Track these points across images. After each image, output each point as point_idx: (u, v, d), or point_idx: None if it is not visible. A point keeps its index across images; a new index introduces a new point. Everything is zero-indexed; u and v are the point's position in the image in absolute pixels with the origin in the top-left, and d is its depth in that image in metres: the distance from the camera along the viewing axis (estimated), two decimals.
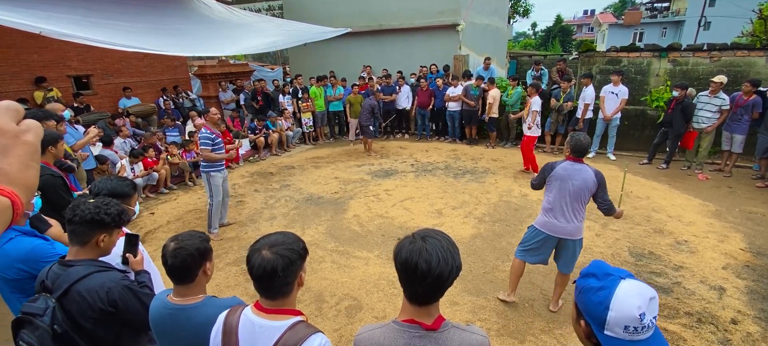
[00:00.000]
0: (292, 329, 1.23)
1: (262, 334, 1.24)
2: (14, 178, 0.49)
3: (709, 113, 6.30)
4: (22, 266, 1.80)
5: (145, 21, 6.47)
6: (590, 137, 3.48)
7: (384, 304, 3.47)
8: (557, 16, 45.85)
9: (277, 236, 1.29)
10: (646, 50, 7.85)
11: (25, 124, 0.54)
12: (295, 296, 1.33)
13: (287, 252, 1.24)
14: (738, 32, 14.93)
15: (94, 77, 9.52)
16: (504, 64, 14.25)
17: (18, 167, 0.50)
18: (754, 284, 3.61)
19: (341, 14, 11.16)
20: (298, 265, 1.28)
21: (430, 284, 1.12)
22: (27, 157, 0.51)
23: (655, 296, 0.93)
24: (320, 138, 10.02)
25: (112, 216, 1.62)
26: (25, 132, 0.52)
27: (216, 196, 4.70)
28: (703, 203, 5.43)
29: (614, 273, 0.97)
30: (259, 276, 1.23)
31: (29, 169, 0.52)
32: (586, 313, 0.99)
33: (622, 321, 0.91)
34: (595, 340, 0.98)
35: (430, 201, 5.75)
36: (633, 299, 0.90)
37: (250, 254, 1.26)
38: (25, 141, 0.52)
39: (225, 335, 1.29)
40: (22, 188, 0.50)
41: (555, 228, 3.07)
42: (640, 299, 0.90)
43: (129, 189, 2.09)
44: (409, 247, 1.14)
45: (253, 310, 1.29)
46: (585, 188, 2.93)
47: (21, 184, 0.50)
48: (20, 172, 0.50)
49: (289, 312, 1.28)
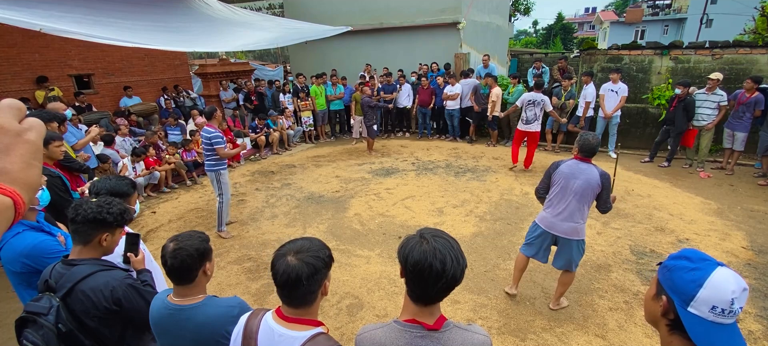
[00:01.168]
0: (312, 341, 1.19)
1: (281, 343, 1.21)
2: (16, 177, 0.49)
3: (708, 110, 6.29)
4: (27, 261, 1.83)
5: (145, 19, 6.47)
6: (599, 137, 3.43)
7: (385, 302, 3.47)
8: (559, 13, 45.71)
9: (303, 242, 1.25)
10: (647, 48, 7.82)
11: (27, 122, 0.53)
12: (318, 306, 1.29)
13: (313, 259, 1.21)
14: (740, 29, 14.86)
15: (95, 76, 9.53)
16: (505, 62, 14.22)
17: (20, 166, 0.50)
18: (756, 282, 3.61)
19: (342, 12, 11.13)
20: (324, 273, 1.24)
21: (444, 285, 1.11)
22: (29, 156, 0.51)
23: (747, 289, 0.95)
24: (321, 137, 10.03)
25: (114, 215, 1.63)
26: (27, 130, 0.52)
27: (226, 194, 4.73)
28: (705, 201, 5.42)
29: (710, 259, 0.99)
30: (283, 283, 1.19)
31: (31, 167, 0.51)
32: (671, 289, 1.01)
33: (712, 301, 0.92)
34: (672, 318, 1.01)
35: (431, 199, 5.75)
36: (729, 284, 0.92)
37: (275, 259, 1.22)
38: (27, 140, 0.51)
39: (245, 339, 1.28)
40: (24, 186, 0.50)
41: (552, 225, 3.07)
42: (736, 285, 0.92)
43: (128, 188, 2.09)
44: (421, 248, 1.12)
45: (274, 317, 1.25)
46: (588, 188, 2.89)
47: (23, 183, 0.50)
48: (22, 171, 0.50)
49: (310, 322, 1.24)
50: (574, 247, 3.06)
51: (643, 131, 7.97)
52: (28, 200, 0.50)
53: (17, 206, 0.48)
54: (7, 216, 0.47)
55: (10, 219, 0.47)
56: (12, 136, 0.50)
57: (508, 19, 16.18)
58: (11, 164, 0.49)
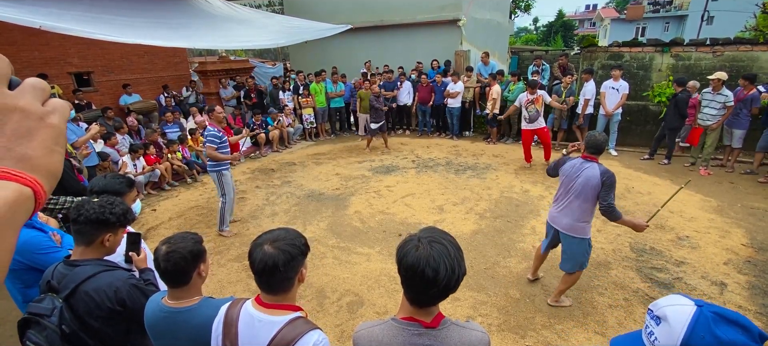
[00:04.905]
0: (291, 325, 1.24)
1: (261, 328, 1.25)
2: (37, 164, 0.45)
3: (713, 110, 6.24)
4: (18, 257, 1.82)
5: (145, 16, 6.46)
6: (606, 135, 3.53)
7: (385, 299, 3.48)
8: (559, 11, 45.62)
9: (279, 232, 1.30)
10: (648, 45, 7.80)
11: (51, 104, 0.49)
12: (295, 292, 1.34)
13: (289, 247, 1.25)
14: (741, 27, 14.80)
15: (95, 74, 9.53)
16: (505, 59, 14.18)
17: (42, 152, 0.46)
18: (756, 279, 3.61)
19: (342, 10, 11.10)
20: (300, 260, 1.28)
21: (436, 292, 1.10)
22: (51, 142, 0.47)
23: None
24: (321, 134, 10.02)
25: (117, 216, 1.62)
26: (50, 113, 0.48)
27: (229, 194, 4.67)
28: (705, 199, 5.42)
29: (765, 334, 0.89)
30: (260, 271, 1.24)
31: (53, 153, 0.47)
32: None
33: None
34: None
35: (432, 197, 5.75)
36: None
37: (252, 249, 1.27)
38: (51, 124, 0.48)
39: (225, 326, 1.32)
40: (45, 174, 0.46)
41: (553, 218, 3.23)
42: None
43: (122, 186, 2.04)
44: (415, 253, 1.10)
45: (254, 304, 1.30)
46: (588, 187, 2.89)
47: (44, 170, 0.46)
48: (44, 157, 0.46)
49: (288, 308, 1.29)
50: (574, 244, 3.07)
51: (643, 129, 7.96)
52: (48, 189, 0.47)
53: (37, 196, 0.45)
54: (27, 207, 0.43)
55: (30, 210, 0.44)
56: (35, 119, 0.46)
57: (508, 16, 16.12)
58: (33, 150, 0.45)
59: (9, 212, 0.41)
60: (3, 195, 0.41)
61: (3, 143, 0.44)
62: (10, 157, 0.44)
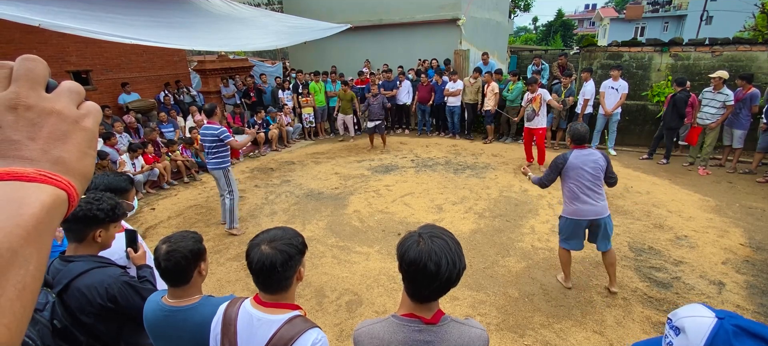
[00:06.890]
0: (290, 323, 1.25)
1: (259, 327, 1.25)
2: (71, 167, 0.46)
3: (713, 109, 6.25)
4: None
5: (144, 14, 6.44)
6: (590, 130, 3.68)
7: (384, 298, 3.48)
8: (559, 10, 45.54)
9: (276, 232, 1.30)
10: (647, 45, 7.81)
11: (85, 107, 0.50)
12: (294, 291, 1.34)
13: (286, 247, 1.25)
14: (740, 27, 14.82)
15: (93, 73, 9.49)
16: (505, 59, 14.19)
17: (76, 156, 0.47)
18: (754, 278, 3.62)
19: (341, 9, 11.10)
20: (297, 260, 1.28)
21: (438, 286, 1.12)
22: (85, 145, 0.48)
23: None
24: (320, 133, 10.01)
25: (105, 211, 1.61)
26: (84, 117, 0.49)
27: (236, 190, 4.74)
28: (704, 198, 5.43)
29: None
30: (258, 270, 1.24)
31: (87, 157, 0.48)
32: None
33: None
34: None
35: (431, 196, 5.75)
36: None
37: (250, 249, 1.27)
38: (85, 127, 0.48)
39: (224, 325, 1.32)
40: (79, 177, 0.47)
41: (584, 213, 3.24)
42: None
43: (126, 184, 2.09)
44: (417, 248, 1.12)
45: (252, 303, 1.30)
46: (598, 168, 3.18)
47: (78, 173, 0.47)
48: (78, 160, 0.47)
49: (287, 306, 1.29)
50: (606, 224, 3.24)
51: (642, 128, 7.97)
52: (80, 191, 0.47)
53: (71, 199, 0.45)
54: (62, 210, 0.44)
55: (64, 213, 0.44)
56: (70, 122, 0.47)
57: (507, 15, 16.14)
58: (68, 153, 0.46)
59: (47, 216, 0.41)
60: (41, 199, 0.41)
61: (40, 146, 0.44)
62: (46, 160, 0.44)
